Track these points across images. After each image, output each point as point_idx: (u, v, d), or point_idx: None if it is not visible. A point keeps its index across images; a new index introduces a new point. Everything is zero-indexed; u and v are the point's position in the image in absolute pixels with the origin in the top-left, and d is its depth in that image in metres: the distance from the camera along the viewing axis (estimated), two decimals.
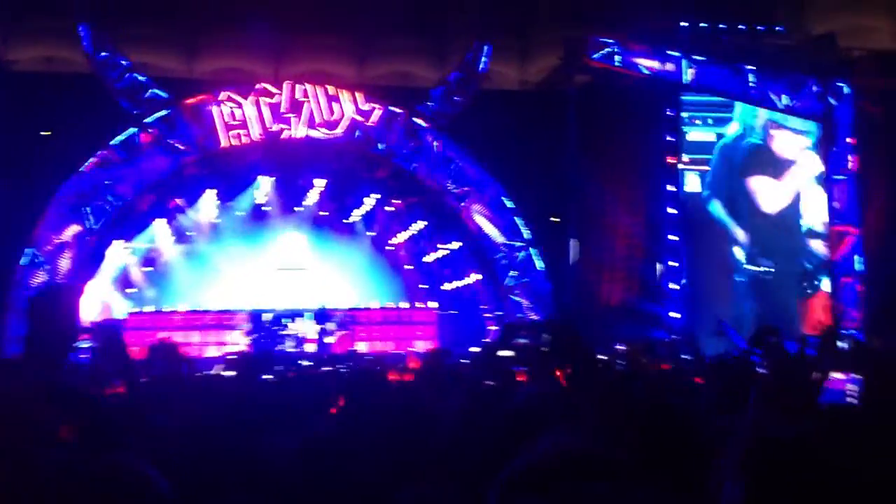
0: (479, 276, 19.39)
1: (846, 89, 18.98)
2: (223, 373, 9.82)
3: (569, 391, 4.29)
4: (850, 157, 18.77)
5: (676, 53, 18.26)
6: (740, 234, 18.48)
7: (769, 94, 18.72)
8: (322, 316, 17.94)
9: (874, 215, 18.40)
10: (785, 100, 18.77)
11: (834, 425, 3.16)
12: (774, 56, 18.61)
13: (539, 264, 18.82)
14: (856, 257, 18.51)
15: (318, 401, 5.09)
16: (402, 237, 19.87)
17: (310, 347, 17.24)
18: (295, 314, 17.91)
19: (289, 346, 17.18)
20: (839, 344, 14.07)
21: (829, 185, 18.89)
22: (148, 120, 17.59)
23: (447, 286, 19.72)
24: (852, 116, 18.72)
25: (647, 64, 18.34)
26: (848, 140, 18.85)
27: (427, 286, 19.58)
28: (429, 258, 19.96)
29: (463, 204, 18.79)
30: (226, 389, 6.14)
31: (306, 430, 3.55)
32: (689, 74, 18.41)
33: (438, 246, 19.78)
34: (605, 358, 11.31)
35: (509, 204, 18.83)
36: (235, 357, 9.38)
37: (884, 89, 18.14)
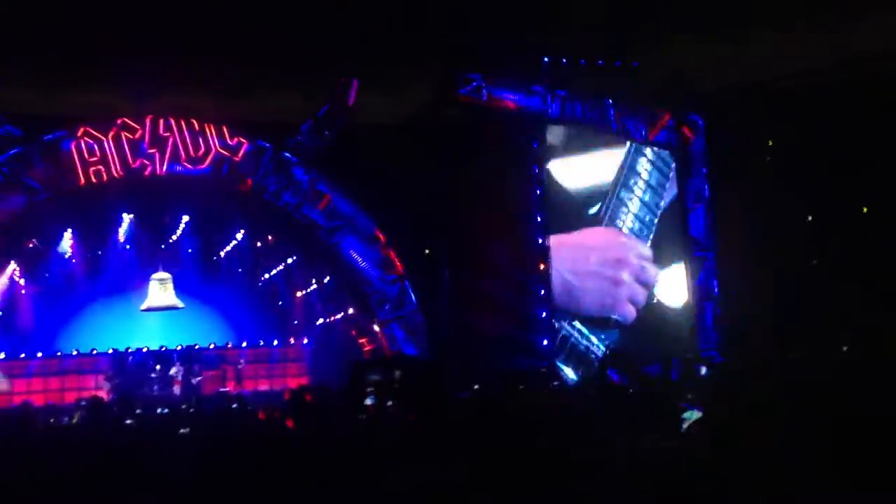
0: (353, 311, 19.27)
1: (700, 122, 19.96)
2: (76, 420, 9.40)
3: (421, 424, 4.33)
4: (705, 186, 19.71)
5: (540, 88, 18.77)
6: None
7: (629, 127, 19.47)
8: (189, 356, 17.44)
9: (728, 241, 19.33)
10: (643, 132, 19.57)
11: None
12: (632, 90, 19.37)
13: (413, 297, 18.85)
14: (713, 282, 19.41)
15: (178, 451, 4.93)
16: (273, 273, 19.57)
17: (177, 389, 16.72)
18: (160, 355, 17.34)
19: (155, 389, 16.59)
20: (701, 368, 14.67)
21: (686, 213, 19.74)
22: (0, 158, 16.78)
23: (321, 321, 19.51)
24: (706, 147, 19.70)
25: (512, 98, 18.77)
26: (703, 170, 19.81)
27: (299, 322, 19.32)
28: (301, 293, 19.70)
29: (335, 238, 18.67)
30: (77, 442, 5.87)
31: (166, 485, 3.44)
32: (553, 108, 18.94)
33: (312, 280, 19.57)
34: (476, 388, 11.44)
35: (382, 237, 18.82)
36: (85, 404, 8.99)
37: (736, 121, 19.13)
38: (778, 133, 19.13)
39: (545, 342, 18.46)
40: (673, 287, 19.47)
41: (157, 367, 17.10)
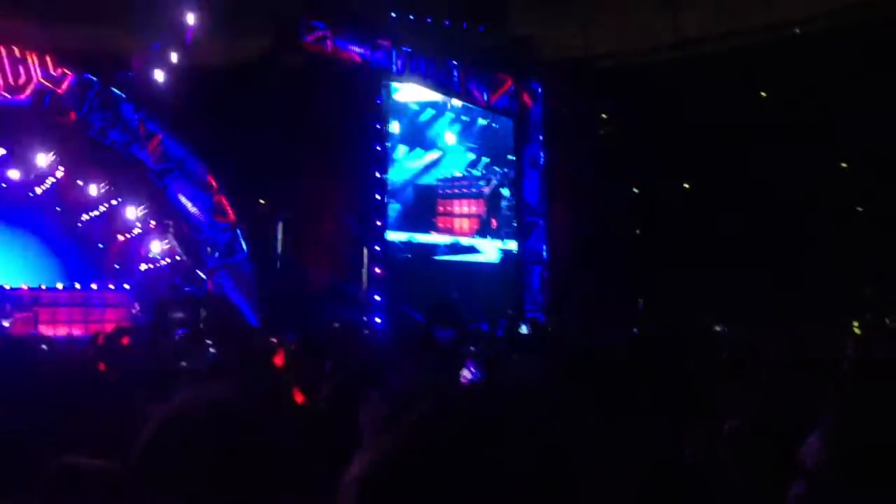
0: (181, 257, 18.67)
1: (539, 90, 20.44)
2: None
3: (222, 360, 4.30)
4: (540, 153, 20.25)
5: (386, 43, 18.66)
6: None
7: (472, 90, 19.70)
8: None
9: (559, 207, 20.01)
10: (485, 96, 19.86)
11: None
12: (477, 54, 19.60)
13: (244, 246, 18.45)
14: (542, 246, 20.06)
15: None
16: (95, 213, 18.63)
17: None
18: None
19: None
20: (522, 327, 15.17)
21: (521, 178, 20.24)
22: None
23: (145, 266, 18.79)
24: (543, 115, 20.22)
25: (357, 51, 18.57)
26: (540, 137, 20.34)
27: (121, 266, 18.53)
28: (125, 236, 18.88)
29: (165, 181, 17.96)
30: None
31: None
32: (398, 64, 18.89)
33: (137, 224, 18.77)
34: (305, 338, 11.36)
35: (214, 183, 18.26)
36: None
37: (571, 91, 19.72)
38: (611, 106, 19.87)
39: (377, 297, 18.57)
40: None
41: None
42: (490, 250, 20.39)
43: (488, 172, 20.45)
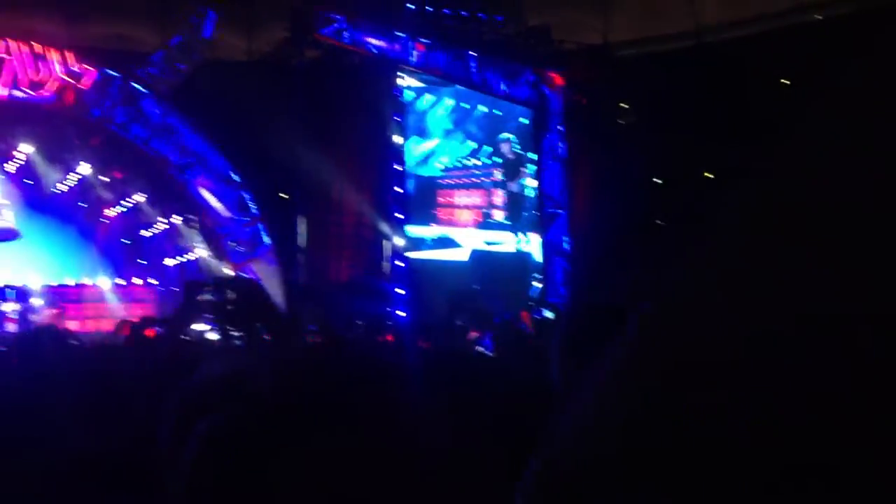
0: (205, 252, 18.77)
1: (559, 79, 20.35)
2: None
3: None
4: (560, 144, 20.17)
5: (403, 34, 18.62)
6: None
7: (490, 81, 19.64)
8: (26, 293, 16.54)
9: (580, 198, 19.93)
10: (503, 86, 19.79)
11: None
12: (494, 44, 19.52)
13: (267, 240, 18.54)
14: (564, 238, 19.98)
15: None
16: (119, 209, 18.74)
17: (11, 327, 15.84)
18: None
19: None
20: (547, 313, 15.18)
21: (541, 169, 20.17)
22: None
23: (170, 261, 18.90)
24: (563, 105, 20.12)
25: (374, 42, 18.56)
26: (559, 127, 20.25)
27: (146, 261, 18.64)
28: (149, 232, 19.00)
29: (187, 176, 18.06)
30: None
31: None
32: (415, 56, 18.85)
33: (160, 219, 18.87)
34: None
35: (236, 178, 18.33)
36: None
37: (591, 80, 19.62)
38: (632, 95, 19.74)
39: (401, 290, 18.58)
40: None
41: None
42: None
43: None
